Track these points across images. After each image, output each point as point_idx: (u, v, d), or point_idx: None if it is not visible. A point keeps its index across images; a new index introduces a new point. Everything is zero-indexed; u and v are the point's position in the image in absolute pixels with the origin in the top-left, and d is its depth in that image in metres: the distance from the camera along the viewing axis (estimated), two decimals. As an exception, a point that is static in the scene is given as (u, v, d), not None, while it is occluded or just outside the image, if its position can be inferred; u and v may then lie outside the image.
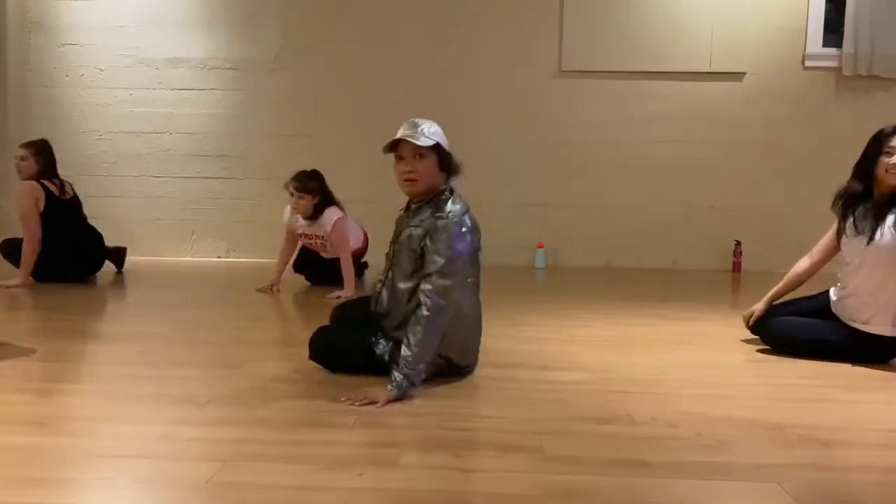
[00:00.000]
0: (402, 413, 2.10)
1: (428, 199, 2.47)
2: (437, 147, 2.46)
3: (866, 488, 1.64)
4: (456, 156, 2.54)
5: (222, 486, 1.56)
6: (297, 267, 4.77)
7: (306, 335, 3.04)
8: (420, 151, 2.43)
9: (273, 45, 6.01)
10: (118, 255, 5.11)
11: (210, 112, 6.07)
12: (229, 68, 6.04)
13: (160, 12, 6.02)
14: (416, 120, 2.53)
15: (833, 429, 2.04)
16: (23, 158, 4.59)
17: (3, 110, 5.95)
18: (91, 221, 4.90)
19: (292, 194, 4.35)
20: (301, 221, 4.47)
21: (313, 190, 4.36)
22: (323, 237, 4.47)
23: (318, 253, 4.64)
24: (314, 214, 4.41)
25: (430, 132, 2.48)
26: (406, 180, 2.44)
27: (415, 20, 5.95)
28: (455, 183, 2.55)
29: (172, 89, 6.06)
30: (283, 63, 6.01)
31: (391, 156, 2.53)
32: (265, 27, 6.01)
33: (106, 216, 5.52)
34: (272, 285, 4.43)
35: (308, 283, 4.73)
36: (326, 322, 2.85)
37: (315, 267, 4.71)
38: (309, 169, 4.46)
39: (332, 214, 4.40)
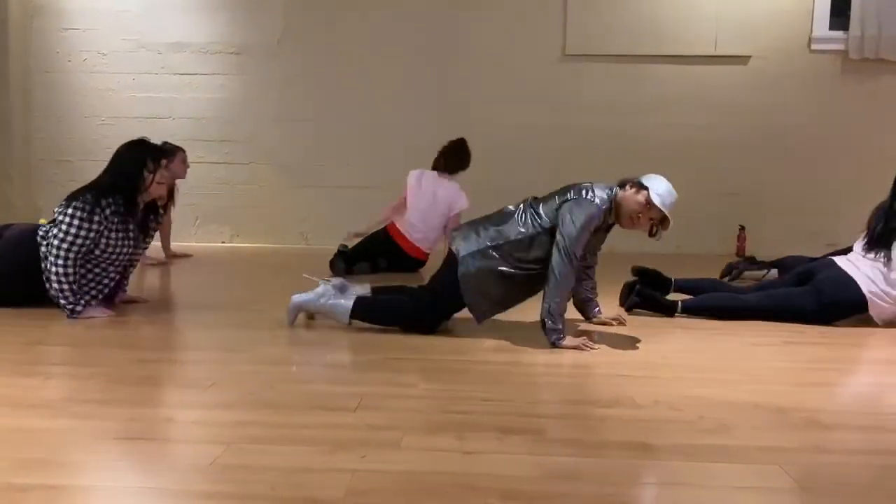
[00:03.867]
0: (404, 396, 2.11)
1: None
2: None
3: (867, 471, 1.65)
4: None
5: (226, 468, 1.57)
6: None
7: (312, 320, 3.06)
8: None
9: (276, 29, 5.98)
10: None
11: (213, 97, 6.06)
12: (232, 53, 6.02)
13: (162, -4, 6.00)
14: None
15: (834, 412, 2.05)
16: None
17: (5, 96, 5.94)
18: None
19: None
20: None
21: None
22: None
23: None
24: None
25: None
26: None
27: (418, 3, 5.92)
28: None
29: (175, 74, 6.05)
30: (286, 47, 5.99)
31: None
32: (268, 11, 5.98)
33: (110, 201, 5.52)
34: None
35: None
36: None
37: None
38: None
39: None
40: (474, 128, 5.78)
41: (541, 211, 2.78)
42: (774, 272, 4.55)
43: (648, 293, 3.45)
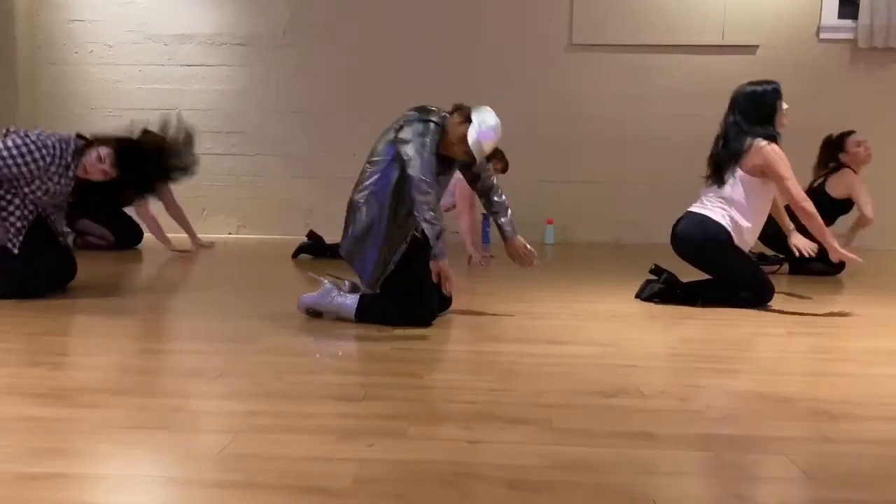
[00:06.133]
0: (410, 386, 2.12)
1: None
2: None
3: (874, 461, 1.65)
4: None
5: (234, 458, 1.58)
6: None
7: (320, 318, 3.07)
8: None
9: (281, 20, 5.98)
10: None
11: (219, 88, 6.06)
12: (238, 44, 6.02)
13: (168, -12, 6.00)
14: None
15: (841, 402, 2.04)
16: None
17: (13, 88, 5.96)
18: (102, 198, 4.94)
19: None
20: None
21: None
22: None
23: None
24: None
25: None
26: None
27: (424, -6, 5.90)
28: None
29: (181, 65, 6.05)
30: (291, 38, 5.98)
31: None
32: (273, 2, 5.97)
33: (117, 193, 5.55)
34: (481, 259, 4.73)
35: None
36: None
37: None
38: None
39: None
40: (480, 118, 5.77)
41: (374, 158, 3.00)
42: (786, 266, 4.55)
43: (668, 279, 3.52)
